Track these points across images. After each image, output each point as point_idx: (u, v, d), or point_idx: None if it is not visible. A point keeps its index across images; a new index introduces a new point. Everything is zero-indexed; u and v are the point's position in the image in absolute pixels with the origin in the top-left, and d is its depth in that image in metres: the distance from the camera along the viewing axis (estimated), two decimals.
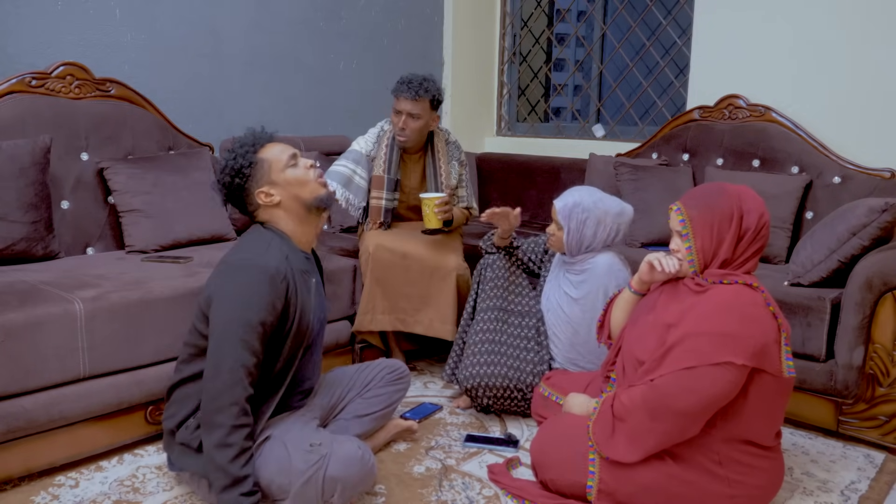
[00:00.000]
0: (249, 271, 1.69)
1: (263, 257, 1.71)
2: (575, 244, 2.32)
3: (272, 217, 1.82)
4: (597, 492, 1.76)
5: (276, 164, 1.79)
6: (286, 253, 1.76)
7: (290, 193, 1.80)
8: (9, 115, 2.48)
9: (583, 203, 2.29)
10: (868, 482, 2.08)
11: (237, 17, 3.31)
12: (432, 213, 2.61)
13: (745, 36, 3.29)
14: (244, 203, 1.83)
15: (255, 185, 1.79)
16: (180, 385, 1.80)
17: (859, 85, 3.01)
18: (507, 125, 4.61)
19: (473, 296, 2.51)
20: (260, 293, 1.66)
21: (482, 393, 2.35)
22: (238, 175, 1.77)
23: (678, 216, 1.82)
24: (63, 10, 2.76)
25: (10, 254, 2.31)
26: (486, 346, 2.35)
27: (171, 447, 1.82)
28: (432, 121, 2.78)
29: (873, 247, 2.35)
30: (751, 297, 1.71)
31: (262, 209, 1.82)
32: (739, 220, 1.76)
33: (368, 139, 2.83)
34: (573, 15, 4.66)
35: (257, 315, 1.65)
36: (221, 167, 1.80)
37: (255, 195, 1.79)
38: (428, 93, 2.69)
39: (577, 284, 2.35)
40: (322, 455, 1.67)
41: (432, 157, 2.83)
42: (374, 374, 2.12)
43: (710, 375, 1.64)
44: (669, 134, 3.47)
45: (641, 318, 1.89)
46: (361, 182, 2.78)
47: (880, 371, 2.21)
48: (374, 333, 2.76)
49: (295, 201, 1.81)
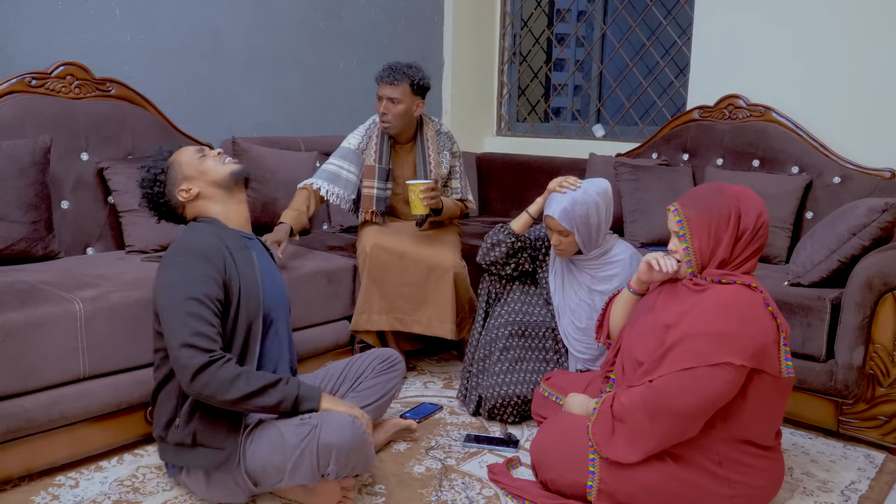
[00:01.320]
0: (181, 255, 1.76)
1: (194, 241, 1.78)
2: (589, 239, 2.29)
3: (199, 209, 1.90)
4: (597, 492, 1.76)
5: (185, 162, 1.89)
6: (218, 233, 1.82)
7: (205, 181, 1.88)
8: (9, 115, 2.48)
9: (575, 199, 2.24)
10: (868, 482, 2.08)
11: (237, 17, 3.31)
12: (418, 199, 2.62)
13: (745, 36, 3.29)
14: (171, 209, 1.92)
15: (173, 187, 1.89)
16: (158, 390, 1.82)
17: (859, 85, 3.01)
18: (507, 125, 4.61)
19: (484, 307, 2.46)
20: (195, 269, 1.71)
21: (509, 412, 2.35)
22: (155, 183, 1.89)
23: (675, 217, 1.82)
24: (63, 10, 2.76)
25: (10, 254, 2.31)
26: (507, 365, 2.34)
27: (167, 452, 1.82)
28: (416, 107, 2.77)
29: (873, 247, 2.35)
30: (750, 297, 1.71)
31: (187, 206, 1.91)
32: (737, 220, 1.76)
33: (357, 133, 2.86)
34: (573, 15, 4.66)
35: (198, 288, 1.69)
36: (140, 184, 1.92)
37: (175, 195, 1.89)
38: (406, 77, 2.70)
39: (606, 279, 2.32)
40: (313, 426, 1.69)
41: (421, 145, 2.84)
42: (366, 366, 2.11)
43: (709, 376, 1.64)
44: (669, 134, 3.47)
45: (640, 319, 1.89)
46: (350, 176, 2.80)
47: (880, 371, 2.21)
48: (371, 333, 2.76)
49: (212, 186, 1.89)
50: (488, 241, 2.41)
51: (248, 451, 1.74)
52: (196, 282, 1.69)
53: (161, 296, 1.72)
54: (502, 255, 2.38)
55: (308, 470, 1.70)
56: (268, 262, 1.95)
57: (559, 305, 2.41)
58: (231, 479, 1.76)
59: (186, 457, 1.77)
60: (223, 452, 1.73)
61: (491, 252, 2.39)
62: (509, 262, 2.41)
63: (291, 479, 1.73)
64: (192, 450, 1.75)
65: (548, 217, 2.29)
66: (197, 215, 1.91)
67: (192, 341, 1.63)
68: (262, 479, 1.75)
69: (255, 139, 3.26)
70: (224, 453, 1.72)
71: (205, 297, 1.68)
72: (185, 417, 1.74)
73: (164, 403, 1.80)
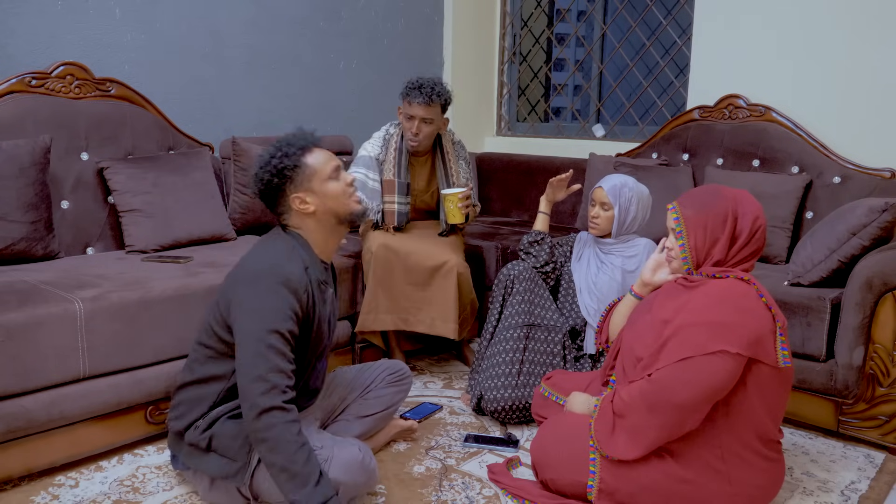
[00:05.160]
0: (271, 281, 1.66)
1: (285, 267, 1.69)
2: (622, 223, 2.44)
3: (301, 224, 1.79)
4: (597, 491, 1.76)
5: (319, 172, 1.75)
6: (307, 263, 1.74)
7: (325, 205, 1.77)
8: (9, 115, 2.48)
9: (628, 184, 2.44)
10: (868, 482, 2.08)
11: (237, 17, 3.31)
12: (456, 208, 2.64)
13: (745, 36, 3.29)
14: (276, 202, 1.78)
15: (293, 189, 1.75)
16: (191, 385, 1.79)
17: (859, 85, 3.01)
18: (507, 125, 4.61)
19: (498, 308, 2.46)
20: (282, 302, 1.65)
21: (513, 415, 2.36)
22: (279, 175, 1.73)
23: (673, 214, 1.85)
24: (63, 10, 2.76)
25: (10, 254, 2.31)
26: (514, 367, 2.34)
27: (179, 446, 1.81)
28: (443, 124, 2.79)
29: (873, 247, 2.35)
30: (743, 289, 1.73)
31: (293, 214, 1.78)
32: (734, 222, 1.77)
33: (375, 143, 2.83)
34: (573, 15, 4.66)
35: (283, 324, 1.64)
36: (265, 161, 1.75)
37: (290, 199, 1.76)
38: (440, 97, 2.71)
39: (630, 259, 2.46)
40: (325, 459, 1.67)
41: (442, 157, 2.85)
42: (376, 376, 2.12)
43: (707, 365, 1.64)
44: (669, 134, 3.47)
45: (640, 319, 1.90)
46: (376, 185, 2.79)
47: (880, 371, 2.21)
48: (375, 333, 2.76)
49: (328, 213, 1.78)
50: (526, 240, 2.60)
51: (257, 471, 1.71)
52: (282, 316, 1.64)
53: (242, 318, 1.65)
54: (546, 252, 2.55)
55: None
56: (334, 297, 1.92)
57: (579, 283, 2.52)
58: (234, 489, 1.76)
59: (197, 460, 1.76)
60: (234, 464, 1.71)
61: (531, 249, 2.57)
62: (549, 261, 2.57)
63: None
64: (204, 454, 1.74)
65: (597, 188, 2.46)
66: (295, 227, 1.80)
67: (268, 377, 1.59)
68: (265, 496, 1.74)
69: (255, 139, 3.25)
70: (235, 465, 1.71)
71: (287, 333, 1.64)
72: (208, 422, 1.73)
73: (191, 403, 1.77)
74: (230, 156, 2.97)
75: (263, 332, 1.61)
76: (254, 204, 2.97)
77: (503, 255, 3.22)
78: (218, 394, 1.75)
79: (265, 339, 1.61)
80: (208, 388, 1.76)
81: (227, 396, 1.75)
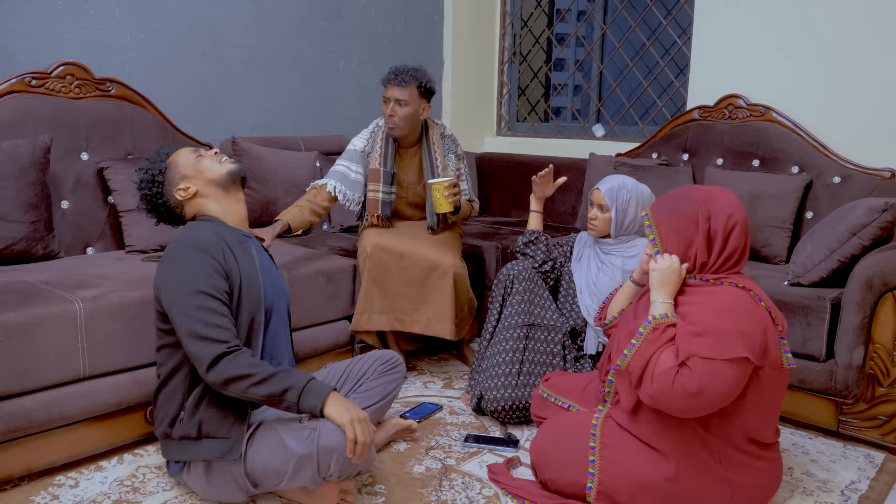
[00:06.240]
0: (181, 250, 1.76)
1: (196, 236, 1.79)
2: (620, 224, 2.42)
3: (197, 208, 1.91)
4: (596, 492, 1.76)
5: (182, 162, 1.90)
6: (216, 230, 1.83)
7: (203, 179, 1.90)
8: (9, 115, 2.48)
9: (626, 185, 2.42)
10: (868, 482, 2.08)
11: (237, 16, 3.31)
12: (442, 196, 2.63)
13: (745, 36, 3.29)
14: (170, 209, 1.92)
15: (171, 187, 1.90)
16: (162, 388, 1.82)
17: (859, 85, 3.01)
18: (507, 125, 4.61)
19: (498, 308, 2.46)
20: (199, 264, 1.72)
21: (513, 415, 2.36)
22: (153, 183, 1.90)
23: (646, 221, 1.83)
24: (63, 10, 2.76)
25: (10, 254, 2.31)
26: (514, 367, 2.34)
27: (170, 449, 1.82)
28: (423, 110, 2.77)
29: (873, 247, 2.35)
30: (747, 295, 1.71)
31: (185, 205, 1.91)
32: (706, 222, 1.74)
33: (362, 136, 2.85)
34: (573, 15, 4.66)
35: (205, 281, 1.70)
36: (138, 185, 1.92)
37: (174, 195, 1.90)
38: (414, 79, 2.70)
39: (631, 259, 2.45)
40: (313, 428, 1.68)
41: (427, 148, 2.84)
42: (367, 367, 2.11)
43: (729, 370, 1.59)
44: (669, 134, 3.47)
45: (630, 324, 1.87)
46: (357, 177, 2.80)
47: (880, 371, 2.21)
48: (371, 333, 2.75)
49: (210, 184, 1.90)
50: (521, 241, 2.62)
51: (249, 453, 1.73)
52: (202, 275, 1.71)
53: (167, 292, 1.72)
54: (542, 250, 2.57)
55: (309, 473, 1.69)
56: (266, 259, 1.96)
57: (579, 283, 2.51)
58: (231, 478, 1.76)
59: (191, 450, 1.77)
60: (228, 441, 1.73)
61: (527, 249, 2.59)
62: (547, 260, 2.57)
63: (292, 482, 1.73)
64: (197, 442, 1.75)
65: (595, 189, 2.45)
66: (195, 214, 1.92)
67: (206, 333, 1.65)
68: (261, 480, 1.75)
69: (254, 139, 3.26)
70: (229, 442, 1.73)
71: (213, 290, 1.70)
72: (191, 410, 1.75)
73: (167, 401, 1.80)
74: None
75: (188, 294, 1.69)
76: (253, 203, 2.97)
77: (503, 255, 3.22)
78: (185, 382, 1.77)
79: (192, 300, 1.68)
80: (175, 381, 1.79)
81: (194, 380, 1.77)
